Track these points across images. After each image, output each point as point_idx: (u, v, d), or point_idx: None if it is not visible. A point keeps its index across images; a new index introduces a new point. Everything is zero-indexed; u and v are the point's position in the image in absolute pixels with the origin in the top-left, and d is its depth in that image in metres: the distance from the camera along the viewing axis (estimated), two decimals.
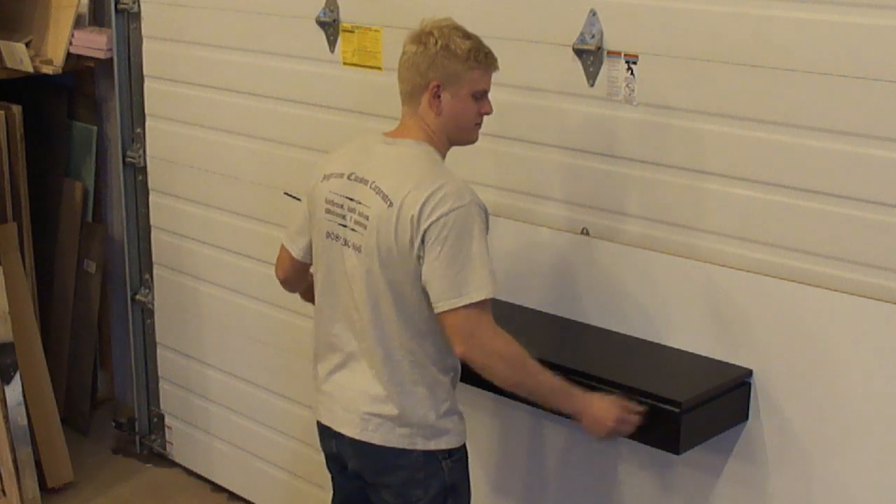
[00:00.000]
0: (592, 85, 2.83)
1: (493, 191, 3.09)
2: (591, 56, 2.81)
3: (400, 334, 2.51)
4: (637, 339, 2.80)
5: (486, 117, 2.57)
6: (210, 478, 4.29)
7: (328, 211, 2.57)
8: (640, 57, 2.73)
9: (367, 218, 2.48)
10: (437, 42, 2.47)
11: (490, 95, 2.55)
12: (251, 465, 4.08)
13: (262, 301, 3.85)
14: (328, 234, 2.58)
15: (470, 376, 2.55)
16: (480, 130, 2.59)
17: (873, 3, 2.35)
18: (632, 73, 2.75)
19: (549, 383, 2.50)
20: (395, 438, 2.55)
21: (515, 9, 2.95)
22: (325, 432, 2.69)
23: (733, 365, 2.63)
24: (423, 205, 2.41)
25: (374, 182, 2.50)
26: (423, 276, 2.43)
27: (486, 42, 2.53)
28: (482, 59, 2.50)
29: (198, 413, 4.27)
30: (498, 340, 2.44)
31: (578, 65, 2.84)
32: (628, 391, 2.54)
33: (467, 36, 2.50)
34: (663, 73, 2.70)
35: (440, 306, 2.42)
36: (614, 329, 2.85)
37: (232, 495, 4.21)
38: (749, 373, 2.62)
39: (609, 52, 2.78)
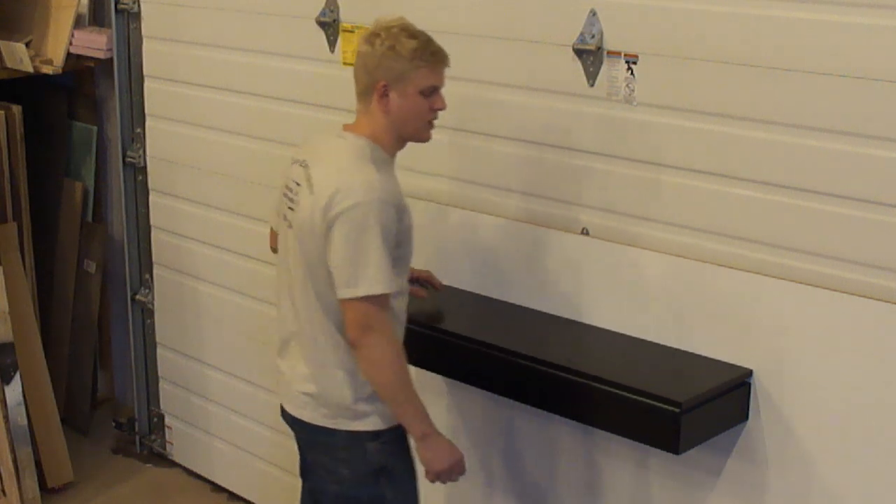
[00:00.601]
0: (592, 85, 2.83)
1: (493, 191, 3.09)
2: (591, 56, 2.81)
3: (321, 317, 2.61)
4: (637, 338, 2.80)
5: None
6: (210, 478, 4.29)
7: (284, 195, 2.71)
8: (640, 57, 2.73)
9: (298, 203, 2.62)
10: (383, 43, 2.55)
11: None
12: (251, 465, 4.08)
13: (262, 301, 3.85)
14: (284, 217, 2.71)
15: (473, 376, 2.54)
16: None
17: (873, 3, 2.35)
18: (632, 73, 2.75)
19: (416, 398, 2.60)
20: (320, 417, 2.67)
21: (515, 9, 2.95)
22: (281, 408, 2.83)
23: (733, 365, 2.63)
24: (333, 196, 2.52)
25: (309, 170, 2.62)
26: (328, 264, 2.56)
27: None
28: (428, 57, 2.57)
29: (198, 413, 4.27)
30: (390, 338, 2.55)
31: (578, 65, 2.84)
32: (629, 391, 2.55)
33: (413, 35, 2.57)
34: (663, 73, 2.70)
35: (340, 293, 2.54)
36: (614, 329, 2.85)
37: (232, 495, 4.21)
38: (749, 373, 2.62)
39: (609, 52, 2.78)
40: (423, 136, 2.66)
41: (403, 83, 2.56)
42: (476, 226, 3.11)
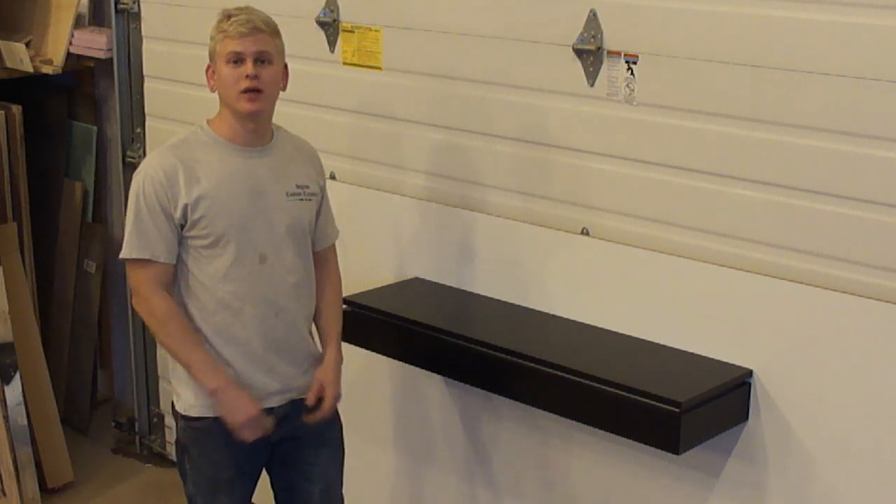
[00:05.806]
0: (592, 85, 2.83)
1: (493, 191, 3.09)
2: (591, 56, 2.81)
3: None
4: (637, 338, 2.80)
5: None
6: None
7: None
8: (640, 57, 2.73)
9: None
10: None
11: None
12: None
13: None
14: None
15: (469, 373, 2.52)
16: (258, 100, 2.70)
17: (873, 3, 2.35)
18: (632, 73, 2.75)
19: (196, 357, 2.65)
20: None
21: (515, 9, 2.95)
22: None
23: (733, 365, 2.63)
24: None
25: None
26: None
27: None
28: (226, 27, 2.68)
29: None
30: (153, 299, 2.66)
31: (578, 65, 2.84)
32: (629, 391, 2.55)
33: (225, 14, 2.71)
34: (663, 73, 2.70)
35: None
36: (614, 329, 2.85)
37: None
38: (749, 373, 2.62)
39: (609, 52, 2.78)
40: (239, 106, 2.70)
41: (215, 58, 2.71)
42: (475, 226, 3.11)
